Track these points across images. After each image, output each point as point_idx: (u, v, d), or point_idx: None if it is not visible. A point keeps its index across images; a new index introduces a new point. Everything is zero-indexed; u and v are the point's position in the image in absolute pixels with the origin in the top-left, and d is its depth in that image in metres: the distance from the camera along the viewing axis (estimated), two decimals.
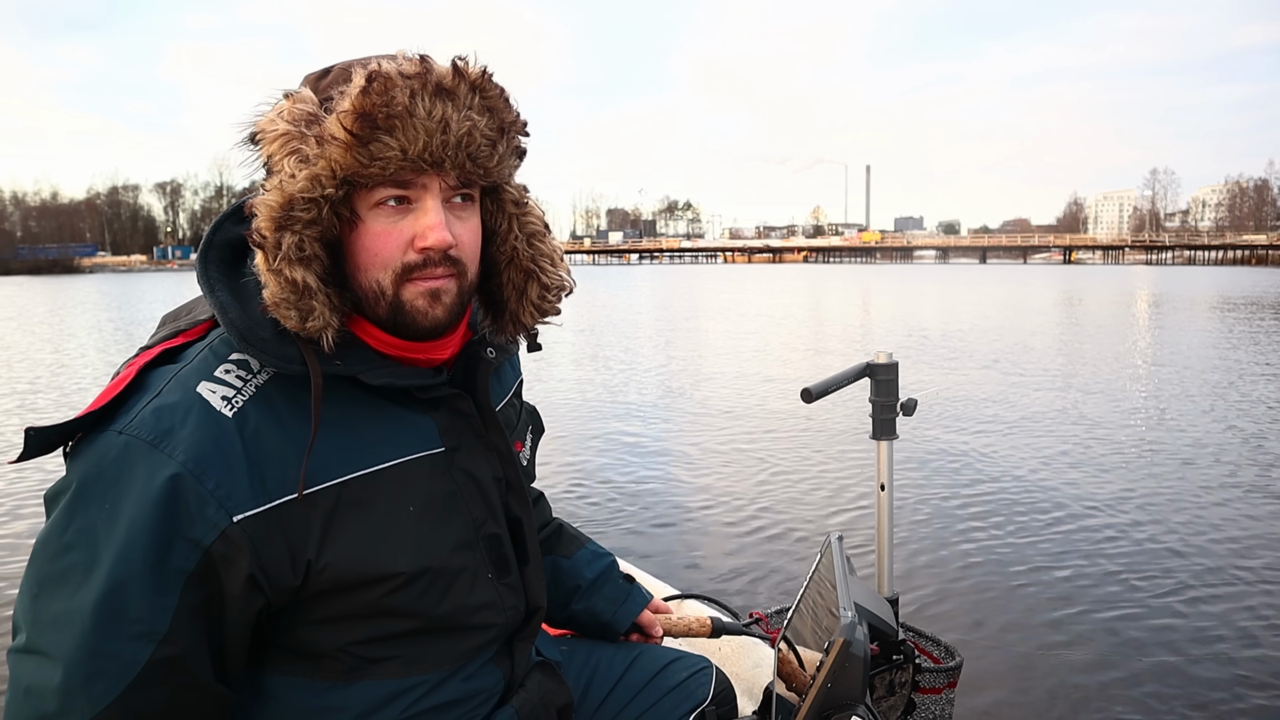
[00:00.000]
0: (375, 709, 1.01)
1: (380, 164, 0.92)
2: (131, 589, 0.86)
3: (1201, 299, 27.59)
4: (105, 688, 0.85)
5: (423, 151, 0.93)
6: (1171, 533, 4.62)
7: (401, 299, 0.99)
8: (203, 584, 0.90)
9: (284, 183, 0.92)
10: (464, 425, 1.09)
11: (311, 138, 0.93)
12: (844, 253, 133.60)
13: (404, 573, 0.99)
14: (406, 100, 0.90)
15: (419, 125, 0.91)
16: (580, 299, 29.42)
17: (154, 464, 0.88)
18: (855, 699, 1.10)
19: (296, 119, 0.94)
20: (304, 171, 0.92)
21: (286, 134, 0.94)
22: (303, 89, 0.97)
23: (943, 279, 50.14)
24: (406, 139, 0.91)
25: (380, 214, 0.97)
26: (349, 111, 0.90)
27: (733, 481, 5.81)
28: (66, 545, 0.88)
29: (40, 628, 0.87)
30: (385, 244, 0.97)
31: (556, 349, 13.94)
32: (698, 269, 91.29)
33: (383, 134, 0.90)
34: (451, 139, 0.94)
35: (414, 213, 0.97)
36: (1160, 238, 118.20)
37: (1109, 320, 19.40)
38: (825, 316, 22.28)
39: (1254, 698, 2.95)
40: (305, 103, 0.95)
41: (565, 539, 1.50)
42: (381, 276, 0.98)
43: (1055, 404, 8.51)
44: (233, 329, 0.94)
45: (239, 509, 0.90)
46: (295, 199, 0.92)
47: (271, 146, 0.95)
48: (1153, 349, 13.56)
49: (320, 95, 0.96)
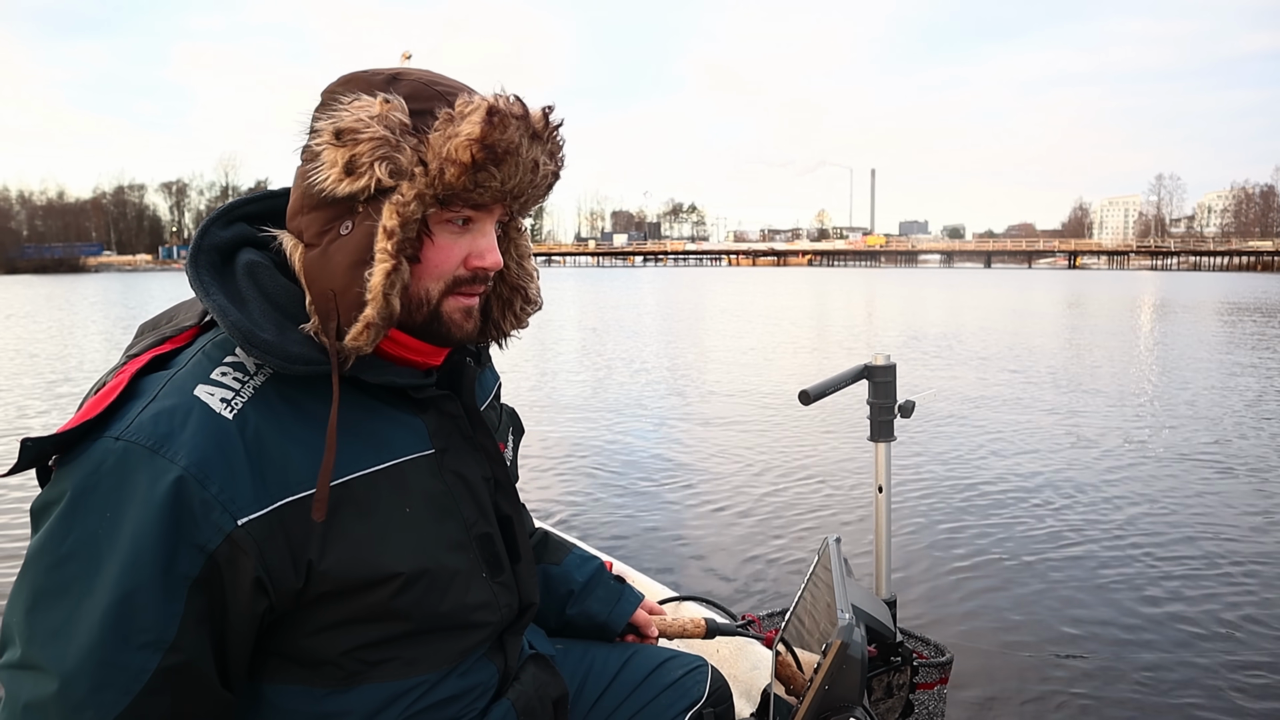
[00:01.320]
0: (376, 711, 1.02)
1: (480, 190, 0.98)
2: (139, 598, 0.85)
3: (1207, 304, 27.55)
4: (114, 698, 0.84)
5: (515, 186, 1.00)
6: (1172, 534, 4.62)
7: (442, 310, 1.04)
8: (208, 589, 0.89)
9: (399, 202, 0.95)
10: (452, 426, 1.12)
11: (408, 148, 0.95)
12: (848, 256, 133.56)
13: (402, 574, 1.00)
14: (517, 139, 0.97)
15: (520, 164, 0.99)
16: (585, 299, 29.44)
17: (156, 470, 0.88)
18: (853, 701, 1.11)
19: (393, 126, 0.95)
20: (410, 189, 0.95)
21: (383, 139, 0.94)
22: (395, 96, 0.97)
23: (946, 283, 50.10)
24: (509, 173, 0.98)
25: (448, 230, 1.02)
26: (476, 140, 0.94)
27: (731, 483, 5.81)
28: (65, 556, 0.86)
29: (38, 641, 0.85)
30: (446, 258, 1.02)
31: (559, 347, 13.96)
32: (702, 271, 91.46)
33: (492, 165, 0.96)
34: (536, 179, 1.02)
35: (472, 233, 1.03)
36: (1166, 243, 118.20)
37: (1111, 324, 19.38)
38: (828, 319, 22.28)
39: (1250, 697, 2.95)
40: (400, 111, 0.96)
41: (551, 546, 1.52)
42: (433, 286, 1.03)
43: (1053, 405, 8.51)
44: (235, 331, 0.94)
45: (243, 512, 0.90)
46: (410, 220, 0.96)
47: (360, 147, 0.94)
48: (1155, 352, 13.56)
49: (414, 106, 0.97)
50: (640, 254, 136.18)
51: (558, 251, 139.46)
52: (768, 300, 31.63)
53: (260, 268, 1.01)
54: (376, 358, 1.04)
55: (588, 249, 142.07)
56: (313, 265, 1.00)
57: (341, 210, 0.98)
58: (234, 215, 1.08)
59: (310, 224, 1.00)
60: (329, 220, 0.98)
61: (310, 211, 1.00)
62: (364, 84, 0.99)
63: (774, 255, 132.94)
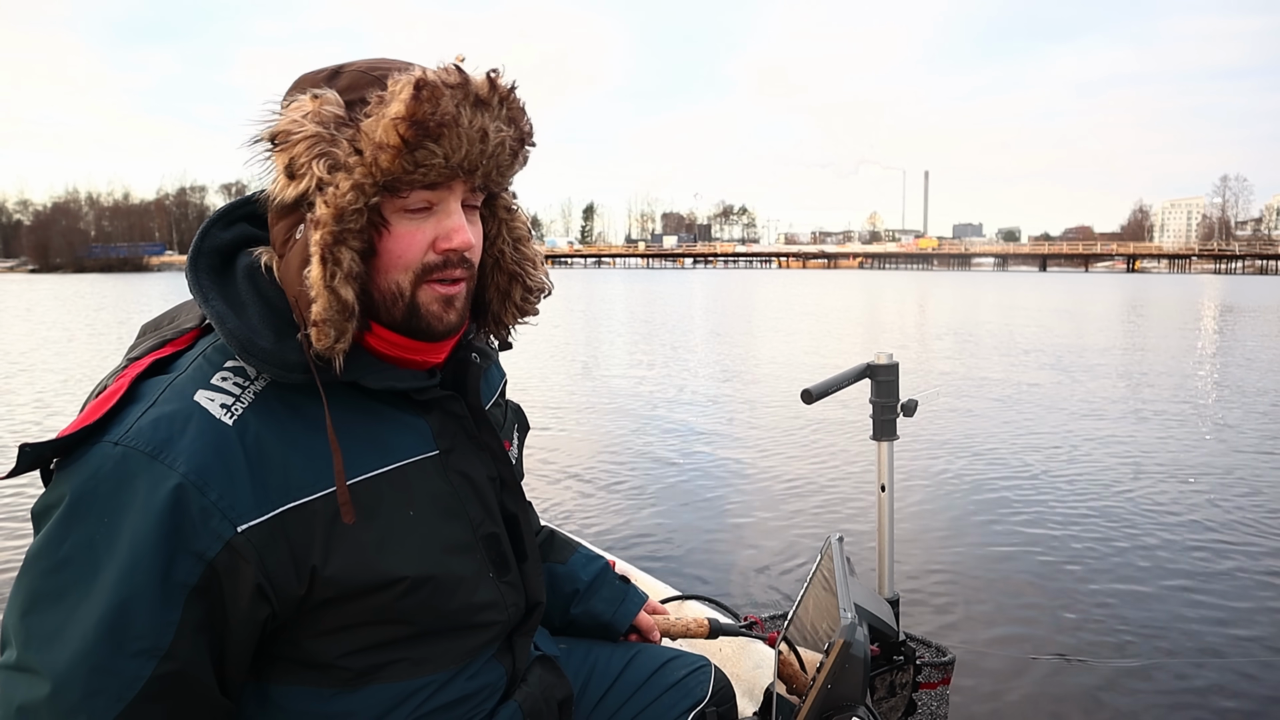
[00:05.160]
0: (384, 713, 1.01)
1: (423, 170, 0.93)
2: (135, 605, 0.85)
3: (1272, 308, 26.68)
4: (107, 705, 0.84)
5: (464, 159, 0.95)
6: (1174, 538, 4.56)
7: (418, 302, 1.00)
8: (206, 597, 0.88)
9: (333, 194, 0.91)
10: (456, 427, 1.10)
11: (344, 140, 0.92)
12: (900, 259, 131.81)
13: (408, 577, 0.99)
14: (453, 109, 0.92)
15: (463, 134, 0.93)
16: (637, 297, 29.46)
17: (155, 476, 0.87)
18: (855, 700, 1.11)
19: (325, 120, 0.92)
20: (346, 180, 0.91)
21: (316, 136, 0.92)
22: (326, 91, 0.95)
23: (999, 286, 49.20)
24: (451, 147, 0.93)
25: (406, 217, 0.97)
26: (402, 118, 0.90)
27: (732, 481, 5.81)
28: (62, 560, 0.86)
29: (34, 645, 0.85)
30: (409, 246, 0.98)
31: (611, 348, 13.98)
32: (752, 274, 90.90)
33: (429, 141, 0.91)
34: (488, 148, 0.96)
35: (436, 215, 0.99)
36: (1230, 247, 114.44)
37: (1159, 328, 18.89)
38: (878, 320, 22.05)
39: (1244, 696, 2.93)
40: (333, 104, 0.93)
41: (557, 545, 1.51)
42: (401, 278, 0.99)
43: (1072, 406, 8.36)
44: (232, 339, 0.93)
45: (243, 519, 0.89)
46: (346, 211, 0.92)
47: (296, 149, 0.92)
48: (1173, 353, 13.22)
49: (345, 97, 0.95)
50: (690, 256, 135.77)
51: (607, 253, 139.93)
52: (819, 300, 31.37)
53: (260, 271, 1.00)
54: (376, 360, 1.02)
55: (637, 251, 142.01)
56: (282, 274, 0.99)
57: (298, 216, 0.96)
58: (236, 215, 1.06)
59: (278, 234, 0.99)
60: (290, 227, 0.97)
61: (277, 222, 0.98)
62: (308, 84, 0.98)
63: (824, 258, 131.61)
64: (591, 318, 22.78)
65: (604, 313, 24.75)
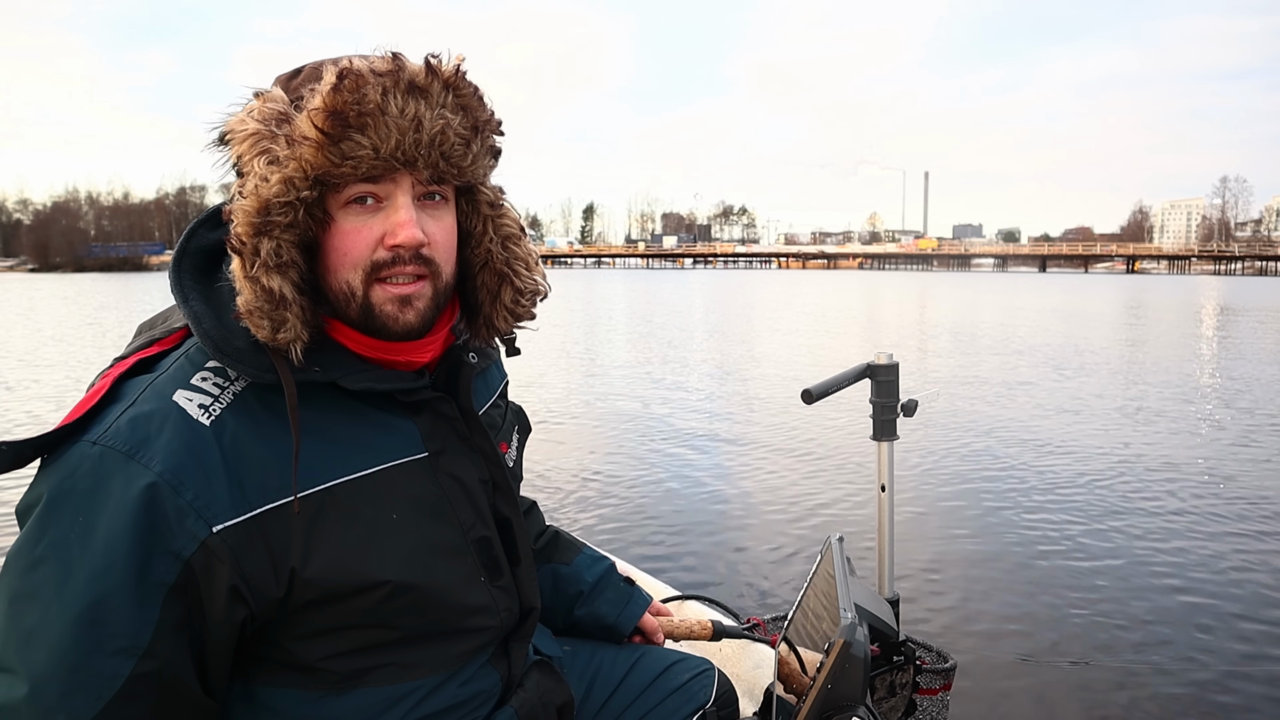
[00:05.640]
0: (372, 717, 1.00)
1: (352, 162, 0.91)
2: (111, 603, 0.84)
3: (1268, 308, 26.70)
4: (86, 704, 0.83)
5: (395, 149, 0.91)
6: (1176, 539, 4.56)
7: (371, 301, 0.97)
8: (184, 596, 0.88)
9: (259, 187, 0.90)
10: (447, 429, 1.08)
11: (282, 137, 0.91)
12: (899, 260, 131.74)
13: (390, 580, 0.98)
14: (378, 98, 0.89)
15: (391, 123, 0.90)
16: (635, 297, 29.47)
17: (130, 475, 0.87)
18: (855, 700, 1.11)
19: (266, 118, 0.92)
20: (276, 174, 0.90)
21: (256, 133, 0.92)
22: (273, 88, 0.96)
23: (999, 287, 49.18)
24: (378, 137, 0.90)
25: (351, 213, 0.95)
26: (320, 110, 0.89)
27: (733, 481, 5.81)
28: (38, 559, 0.86)
29: (13, 644, 0.85)
30: (355, 242, 0.96)
31: (570, 340, 13.99)
32: (751, 274, 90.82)
33: (354, 132, 0.89)
34: (424, 137, 0.93)
35: (384, 211, 0.96)
36: (1230, 248, 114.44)
37: (1155, 328, 18.90)
38: (880, 319, 22.05)
39: (1244, 695, 2.93)
40: (275, 102, 0.93)
41: (562, 545, 1.51)
42: (351, 277, 0.97)
43: (1067, 406, 8.36)
44: (207, 340, 0.93)
45: (218, 519, 0.89)
46: (271, 203, 0.90)
47: (241, 147, 0.93)
48: (1172, 352, 13.22)
49: (291, 94, 0.95)
50: (690, 256, 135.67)
51: (607, 253, 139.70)
52: (815, 300, 31.36)
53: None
54: (359, 361, 1.01)
55: (637, 251, 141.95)
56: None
57: None
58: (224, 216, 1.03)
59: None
60: None
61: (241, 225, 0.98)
62: (278, 84, 0.98)
63: (824, 258, 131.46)
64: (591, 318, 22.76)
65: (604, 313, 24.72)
